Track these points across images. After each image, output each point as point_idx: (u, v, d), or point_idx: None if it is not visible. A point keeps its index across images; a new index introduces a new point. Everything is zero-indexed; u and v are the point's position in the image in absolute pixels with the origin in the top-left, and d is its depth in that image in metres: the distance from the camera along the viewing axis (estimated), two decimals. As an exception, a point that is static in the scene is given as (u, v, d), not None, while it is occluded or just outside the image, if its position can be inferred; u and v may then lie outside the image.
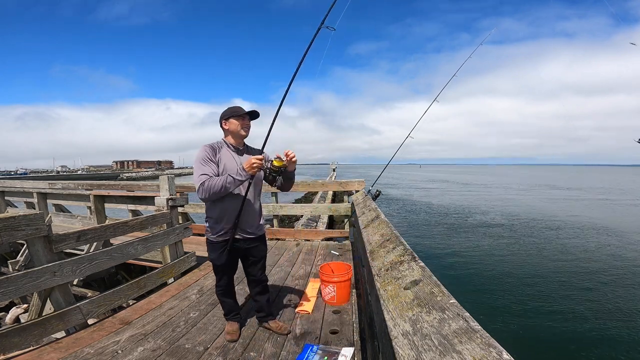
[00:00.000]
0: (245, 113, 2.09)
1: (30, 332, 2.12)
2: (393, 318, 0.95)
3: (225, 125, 2.11)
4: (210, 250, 2.20)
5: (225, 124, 2.10)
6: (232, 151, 2.12)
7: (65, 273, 2.35)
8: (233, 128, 2.09)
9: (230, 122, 2.09)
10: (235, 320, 2.38)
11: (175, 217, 3.69)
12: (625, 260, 9.08)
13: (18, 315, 4.29)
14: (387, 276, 1.31)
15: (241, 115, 2.08)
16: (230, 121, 2.09)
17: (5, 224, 2.01)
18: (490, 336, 0.72)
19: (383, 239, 1.97)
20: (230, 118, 2.08)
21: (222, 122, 2.11)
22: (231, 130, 2.09)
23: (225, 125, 2.10)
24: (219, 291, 2.35)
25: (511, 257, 9.38)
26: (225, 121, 2.10)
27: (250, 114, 2.11)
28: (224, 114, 2.12)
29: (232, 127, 2.09)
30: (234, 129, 2.09)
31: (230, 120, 2.08)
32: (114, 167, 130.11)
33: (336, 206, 5.35)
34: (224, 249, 2.12)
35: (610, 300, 6.47)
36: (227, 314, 2.39)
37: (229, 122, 2.09)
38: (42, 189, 6.43)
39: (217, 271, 2.28)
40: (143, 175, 64.36)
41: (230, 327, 2.32)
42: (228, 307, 2.38)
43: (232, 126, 2.09)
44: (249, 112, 2.10)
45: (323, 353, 2.01)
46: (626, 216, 17.05)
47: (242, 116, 2.09)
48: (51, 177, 46.43)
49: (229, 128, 2.09)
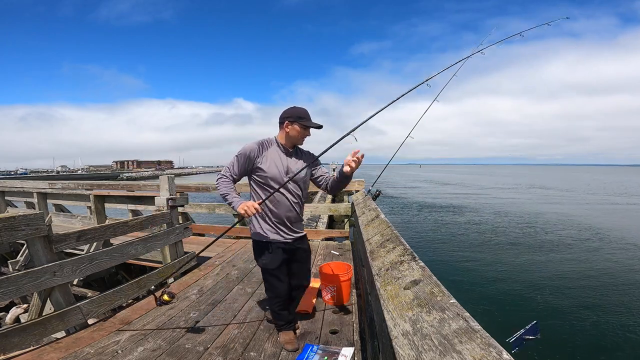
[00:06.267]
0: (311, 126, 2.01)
1: (30, 332, 2.11)
2: (393, 318, 0.95)
3: (287, 127, 2.00)
4: (261, 254, 2.09)
5: (287, 126, 2.00)
6: (281, 151, 2.05)
7: (65, 273, 2.35)
8: (293, 134, 2.00)
9: (293, 127, 1.99)
10: (291, 329, 2.24)
11: (175, 217, 3.69)
12: (627, 262, 9.08)
13: (18, 315, 4.29)
14: (387, 276, 1.31)
15: (307, 126, 2.00)
16: (294, 126, 1.98)
17: (5, 224, 2.01)
18: (490, 336, 0.72)
19: (383, 238, 1.97)
20: (295, 123, 1.98)
21: (285, 122, 2.00)
22: (291, 134, 2.01)
23: (287, 128, 2.00)
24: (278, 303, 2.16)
25: (512, 257, 9.38)
26: (288, 123, 1.99)
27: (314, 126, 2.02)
28: (289, 114, 2.00)
29: (293, 132, 2.00)
30: (294, 135, 2.01)
31: (294, 125, 1.98)
32: (114, 167, 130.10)
33: (336, 206, 5.35)
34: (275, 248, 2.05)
35: (610, 300, 6.47)
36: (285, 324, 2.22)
37: (292, 126, 1.99)
38: (42, 189, 6.43)
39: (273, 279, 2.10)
40: (143, 175, 64.39)
41: (287, 336, 2.19)
42: (286, 319, 2.22)
43: (293, 131, 1.99)
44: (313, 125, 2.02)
45: (323, 353, 2.01)
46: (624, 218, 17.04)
47: (306, 127, 2.01)
48: (51, 177, 46.43)
49: (290, 132, 2.00)
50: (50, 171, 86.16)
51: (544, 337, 5.13)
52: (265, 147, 2.02)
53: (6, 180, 8.76)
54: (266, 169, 1.98)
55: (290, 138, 2.03)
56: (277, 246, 2.07)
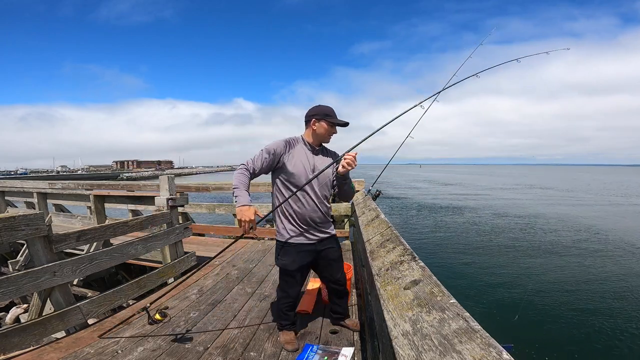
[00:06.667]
0: (338, 123, 2.02)
1: (30, 332, 2.12)
2: (393, 318, 0.95)
3: (314, 125, 2.01)
4: (282, 254, 2.07)
5: (314, 124, 2.01)
6: (307, 149, 2.05)
7: (65, 273, 2.35)
8: (321, 131, 2.01)
9: (320, 124, 2.00)
10: (292, 329, 2.23)
11: (175, 217, 3.69)
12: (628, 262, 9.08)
13: (18, 315, 4.29)
14: (387, 276, 1.31)
15: (334, 124, 2.02)
16: (321, 123, 2.00)
17: (5, 224, 2.01)
18: (490, 336, 0.73)
19: (383, 238, 1.97)
20: (323, 121, 2.00)
21: (312, 120, 2.01)
22: (318, 132, 2.01)
23: (314, 126, 2.01)
24: (288, 304, 2.16)
25: (512, 257, 9.37)
26: (315, 121, 2.00)
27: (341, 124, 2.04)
28: (316, 112, 2.02)
29: (320, 130, 2.01)
30: (321, 132, 2.02)
31: (321, 122, 2.00)
32: (114, 167, 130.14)
33: (336, 206, 5.35)
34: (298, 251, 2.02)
35: (610, 300, 6.47)
36: (288, 324, 2.21)
37: (319, 124, 2.00)
38: (42, 189, 6.43)
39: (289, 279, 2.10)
40: (143, 175, 64.40)
41: (288, 337, 2.17)
42: (292, 319, 2.22)
43: (320, 129, 2.00)
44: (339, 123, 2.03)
45: (323, 353, 2.00)
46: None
47: (333, 124, 2.02)
48: (51, 177, 46.44)
49: (317, 130, 2.01)
50: (50, 171, 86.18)
51: (544, 337, 5.13)
52: (292, 145, 2.02)
53: (6, 180, 8.76)
54: (292, 166, 1.97)
55: (317, 136, 2.04)
56: (300, 249, 2.05)
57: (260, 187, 5.41)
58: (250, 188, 1.96)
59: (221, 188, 5.95)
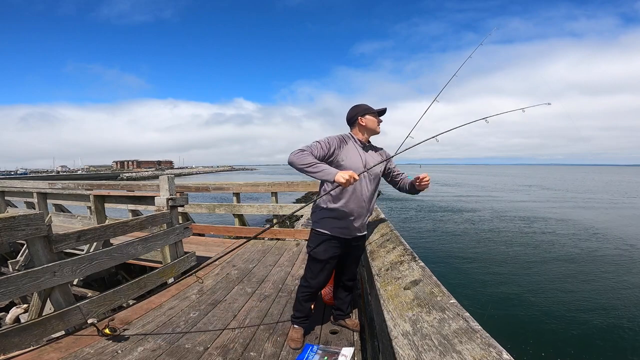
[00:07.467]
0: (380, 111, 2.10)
1: (30, 332, 2.11)
2: (393, 318, 0.95)
3: (362, 121, 2.07)
4: (316, 243, 2.08)
5: (362, 120, 2.07)
6: (358, 146, 2.08)
7: (65, 273, 2.35)
8: (371, 124, 2.08)
9: (367, 119, 2.07)
10: (303, 325, 2.23)
11: (175, 217, 3.69)
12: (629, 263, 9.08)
13: (18, 315, 4.29)
14: (387, 276, 1.31)
15: (376, 113, 2.09)
16: (367, 117, 2.07)
17: (5, 224, 2.01)
18: (490, 336, 0.72)
19: (383, 239, 1.98)
20: (367, 114, 2.07)
21: (359, 117, 2.08)
22: (368, 126, 2.08)
23: (362, 122, 2.07)
24: (306, 293, 2.16)
25: (512, 257, 9.37)
26: (362, 117, 2.07)
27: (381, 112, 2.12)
28: (356, 111, 2.09)
29: (369, 123, 2.08)
30: (371, 126, 2.09)
31: (367, 116, 2.07)
32: (114, 167, 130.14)
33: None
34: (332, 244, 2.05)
35: (610, 300, 6.47)
36: (301, 318, 2.21)
37: (365, 119, 2.07)
38: (42, 189, 6.43)
39: (316, 268, 2.12)
40: (143, 175, 64.39)
41: (296, 334, 2.17)
42: (306, 312, 2.22)
43: (369, 122, 2.08)
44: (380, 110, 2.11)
45: (323, 353, 2.00)
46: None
47: (376, 114, 2.10)
48: (51, 177, 46.45)
49: (367, 124, 2.07)
50: (50, 171, 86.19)
51: (544, 337, 5.12)
52: (344, 142, 2.05)
53: (6, 180, 8.76)
54: (347, 161, 1.99)
55: (367, 130, 2.10)
56: (335, 243, 2.08)
57: (260, 187, 5.44)
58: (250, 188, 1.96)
59: (221, 188, 5.94)
